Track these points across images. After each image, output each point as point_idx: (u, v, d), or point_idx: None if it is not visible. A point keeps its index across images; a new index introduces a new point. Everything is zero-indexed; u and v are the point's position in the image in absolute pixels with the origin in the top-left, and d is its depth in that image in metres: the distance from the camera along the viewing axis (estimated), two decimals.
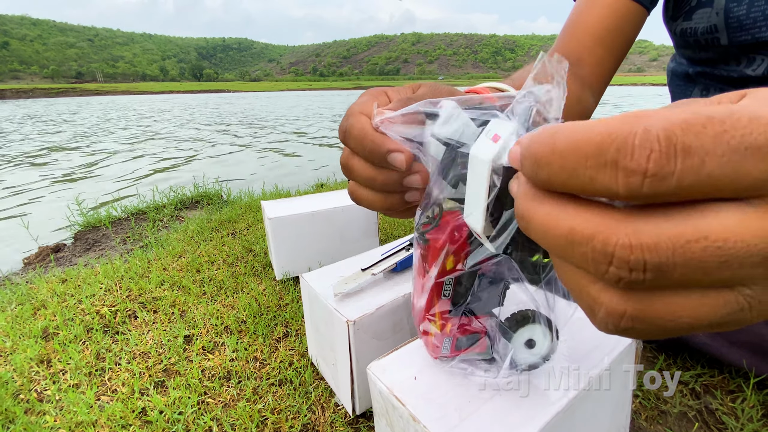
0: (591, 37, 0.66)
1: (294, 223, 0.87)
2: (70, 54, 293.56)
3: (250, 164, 3.92)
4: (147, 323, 0.78)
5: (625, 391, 0.42)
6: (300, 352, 0.67)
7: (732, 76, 0.68)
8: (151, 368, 0.65)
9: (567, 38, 0.69)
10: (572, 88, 0.64)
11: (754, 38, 0.62)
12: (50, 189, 3.10)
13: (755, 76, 0.65)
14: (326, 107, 14.00)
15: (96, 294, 0.89)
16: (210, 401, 0.58)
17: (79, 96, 64.83)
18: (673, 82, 0.84)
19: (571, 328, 0.43)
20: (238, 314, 0.78)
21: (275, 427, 0.53)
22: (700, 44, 0.69)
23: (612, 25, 0.66)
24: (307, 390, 0.59)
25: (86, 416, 0.56)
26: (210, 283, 0.92)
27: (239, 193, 1.83)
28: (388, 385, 0.36)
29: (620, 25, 0.66)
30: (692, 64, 0.77)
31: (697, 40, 0.68)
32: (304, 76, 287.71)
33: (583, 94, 0.65)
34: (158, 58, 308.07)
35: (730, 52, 0.66)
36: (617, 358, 0.38)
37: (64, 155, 4.70)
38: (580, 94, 0.65)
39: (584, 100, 0.66)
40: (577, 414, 0.35)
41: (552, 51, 0.72)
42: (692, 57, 0.76)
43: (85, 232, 1.51)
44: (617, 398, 0.41)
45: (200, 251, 1.09)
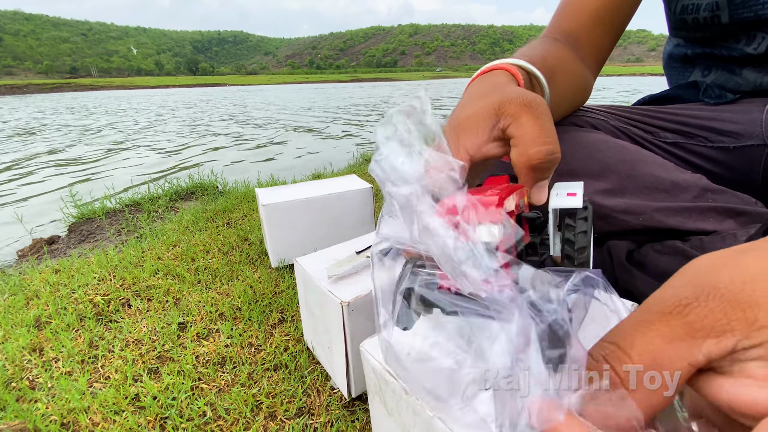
0: (589, 17, 0.65)
1: (288, 210, 0.86)
2: (63, 49, 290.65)
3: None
4: (141, 311, 0.77)
5: None
6: (296, 337, 0.67)
7: (733, 55, 0.67)
8: (145, 355, 0.65)
9: (564, 18, 0.68)
10: (579, 71, 0.63)
11: (757, 15, 0.61)
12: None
13: (757, 55, 0.64)
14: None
15: (89, 283, 0.88)
16: (204, 387, 0.58)
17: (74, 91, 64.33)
18: (669, 65, 0.83)
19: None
20: (233, 301, 0.78)
21: (270, 411, 0.53)
22: (699, 23, 0.68)
23: (610, 4, 0.65)
24: (303, 374, 0.59)
25: (78, 403, 0.56)
26: (205, 271, 0.91)
27: (235, 184, 1.81)
28: (381, 361, 0.36)
29: (618, 4, 0.66)
30: (690, 45, 0.75)
31: (696, 18, 0.67)
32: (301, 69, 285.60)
33: (585, 77, 0.65)
34: (153, 53, 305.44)
35: (729, 30, 0.65)
36: None
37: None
38: (584, 78, 0.64)
39: (587, 83, 0.66)
40: None
41: (548, 29, 0.71)
42: (689, 38, 0.75)
43: (80, 223, 1.50)
44: None
45: (195, 240, 1.08)
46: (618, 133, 0.71)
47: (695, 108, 0.70)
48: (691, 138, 0.68)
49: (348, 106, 10.62)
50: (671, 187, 0.59)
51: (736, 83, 0.69)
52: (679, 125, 0.69)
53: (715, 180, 0.62)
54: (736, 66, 0.69)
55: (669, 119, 0.70)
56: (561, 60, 0.58)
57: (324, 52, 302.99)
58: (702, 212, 0.56)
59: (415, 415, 0.32)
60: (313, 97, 15.98)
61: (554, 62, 0.55)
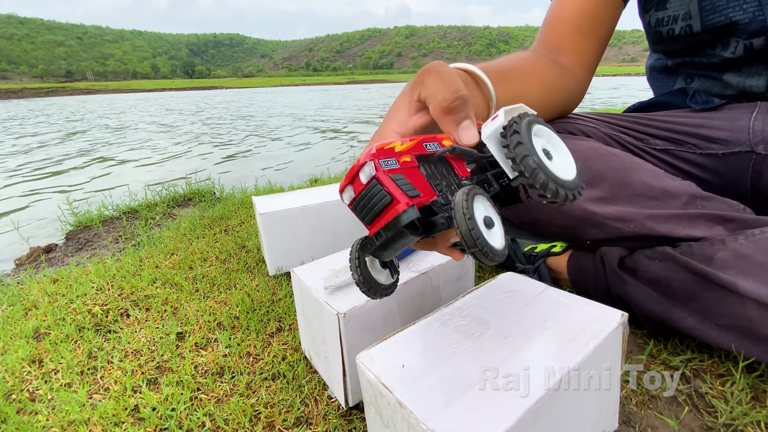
0: (569, 26, 0.67)
1: (285, 218, 0.87)
2: (58, 53, 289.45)
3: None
4: (139, 321, 0.78)
5: (613, 375, 0.42)
6: (293, 346, 0.67)
7: (713, 61, 0.69)
8: (144, 366, 0.65)
9: (547, 31, 0.70)
10: (551, 73, 0.64)
11: (727, 18, 0.62)
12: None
13: (735, 58, 0.66)
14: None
15: (88, 293, 0.89)
16: (203, 397, 0.58)
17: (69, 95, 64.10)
18: (653, 77, 0.85)
19: (555, 314, 0.43)
20: (231, 310, 0.78)
21: (268, 421, 0.53)
22: (674, 34, 0.69)
23: (588, 10, 0.67)
24: (300, 384, 0.59)
25: (78, 415, 0.56)
26: (202, 280, 0.91)
27: (232, 190, 1.82)
28: (376, 374, 0.36)
29: (596, 11, 0.67)
30: (670, 57, 0.77)
31: (671, 30, 0.69)
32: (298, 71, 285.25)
33: (562, 78, 0.66)
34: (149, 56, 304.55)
35: (703, 39, 0.67)
36: (602, 342, 0.38)
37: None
38: (558, 78, 0.65)
39: (564, 83, 0.67)
40: (563, 398, 0.35)
41: (532, 45, 0.73)
42: (667, 50, 0.76)
43: (77, 231, 1.50)
44: (604, 382, 0.41)
45: (193, 248, 1.09)
46: (609, 141, 0.72)
47: (684, 115, 0.72)
48: (680, 145, 0.69)
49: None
50: (662, 194, 0.60)
51: (721, 87, 0.71)
52: (669, 132, 0.70)
53: (705, 186, 0.63)
54: (716, 72, 0.70)
55: (659, 126, 0.71)
56: (523, 63, 0.61)
57: (320, 54, 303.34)
58: (692, 219, 0.58)
59: (410, 428, 0.33)
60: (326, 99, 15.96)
61: (510, 64, 0.58)
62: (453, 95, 0.34)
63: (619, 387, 0.44)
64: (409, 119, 0.37)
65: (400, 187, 0.29)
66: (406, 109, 0.38)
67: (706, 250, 0.53)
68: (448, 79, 0.35)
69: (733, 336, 0.51)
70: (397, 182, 0.29)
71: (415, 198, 0.29)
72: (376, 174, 0.29)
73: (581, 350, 0.37)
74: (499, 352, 0.38)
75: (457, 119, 0.35)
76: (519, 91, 0.56)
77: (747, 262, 0.49)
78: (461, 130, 0.34)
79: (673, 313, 0.55)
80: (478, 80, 0.49)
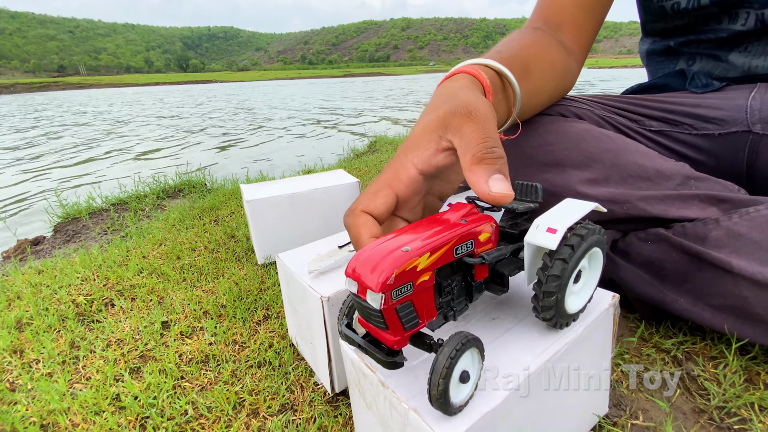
0: (570, 1, 0.65)
1: (273, 206, 0.85)
2: (50, 47, 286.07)
3: None
4: (124, 311, 0.76)
5: (603, 359, 0.41)
6: (280, 333, 0.66)
7: (721, 36, 0.66)
8: (127, 355, 0.64)
9: (546, 5, 0.67)
10: (559, 57, 0.62)
11: None
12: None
13: (747, 31, 0.63)
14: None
15: (72, 283, 0.87)
16: (186, 385, 0.57)
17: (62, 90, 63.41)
18: (651, 60, 0.82)
19: None
20: (218, 299, 0.77)
21: (252, 408, 0.52)
22: (680, 9, 0.67)
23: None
24: (287, 371, 0.58)
25: (58, 404, 0.55)
26: (190, 269, 0.90)
27: (223, 181, 1.79)
28: (359, 354, 0.35)
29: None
30: (670, 37, 0.75)
31: (677, 4, 0.67)
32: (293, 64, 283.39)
33: (567, 63, 0.64)
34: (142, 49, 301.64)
35: (710, 12, 0.65)
36: (593, 323, 0.37)
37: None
38: (566, 64, 0.63)
39: (569, 69, 0.65)
40: (551, 380, 0.34)
41: (530, 19, 0.70)
42: (668, 28, 0.74)
43: (65, 223, 1.48)
44: (595, 365, 0.40)
45: (181, 239, 1.07)
46: (603, 123, 0.70)
47: (681, 96, 0.70)
48: (676, 126, 0.67)
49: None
50: (655, 175, 0.58)
51: (723, 69, 0.69)
52: (665, 113, 0.68)
53: (700, 167, 0.62)
54: (722, 51, 0.68)
55: (654, 107, 0.70)
56: (537, 50, 0.58)
57: (316, 47, 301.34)
58: (685, 200, 0.56)
59: (391, 408, 0.32)
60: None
61: (528, 53, 0.55)
62: (487, 149, 0.31)
63: (609, 370, 0.43)
64: (434, 157, 0.34)
65: (401, 320, 0.27)
66: (432, 147, 0.34)
67: (700, 229, 0.52)
68: (487, 132, 0.32)
69: (726, 317, 0.50)
70: (400, 315, 0.27)
71: (410, 331, 0.28)
72: (382, 308, 0.26)
73: (571, 331, 0.36)
74: (486, 333, 0.37)
75: (488, 171, 0.31)
76: (535, 87, 0.54)
77: (741, 240, 0.48)
78: (494, 181, 0.30)
79: (665, 295, 0.54)
80: (505, 81, 0.47)
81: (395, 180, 0.35)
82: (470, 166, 0.31)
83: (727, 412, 0.46)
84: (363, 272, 0.27)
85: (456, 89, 0.38)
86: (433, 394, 0.26)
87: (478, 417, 0.28)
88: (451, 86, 0.40)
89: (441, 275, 0.30)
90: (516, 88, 0.46)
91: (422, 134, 0.35)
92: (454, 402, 0.27)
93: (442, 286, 0.31)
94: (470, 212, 0.33)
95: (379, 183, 0.35)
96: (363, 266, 0.27)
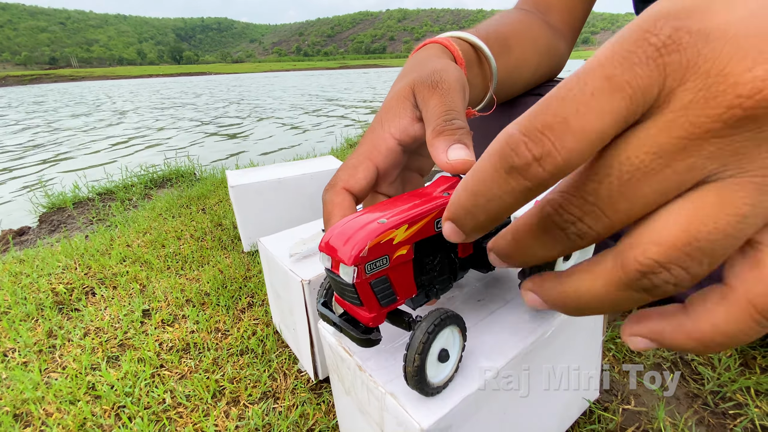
0: None
1: (259, 191, 0.83)
2: (42, 39, 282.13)
3: None
4: (105, 299, 0.74)
5: (593, 342, 0.39)
6: (265, 321, 0.64)
7: None
8: (105, 344, 0.62)
9: None
10: (544, 37, 0.60)
11: None
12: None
13: None
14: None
15: (53, 272, 0.84)
16: (166, 374, 0.55)
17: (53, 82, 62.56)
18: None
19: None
20: (202, 287, 0.75)
21: (233, 396, 0.50)
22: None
23: None
24: (270, 358, 0.56)
25: (32, 393, 0.53)
26: (175, 257, 0.87)
27: (213, 170, 1.76)
28: (337, 338, 0.33)
29: None
30: None
31: None
32: (288, 56, 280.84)
33: (553, 42, 0.62)
34: (135, 41, 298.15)
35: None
36: None
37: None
38: (551, 42, 0.62)
39: (555, 47, 0.63)
40: (537, 362, 0.32)
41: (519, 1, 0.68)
42: None
43: (50, 213, 1.45)
44: (585, 347, 0.38)
45: (167, 227, 1.05)
46: None
47: None
48: None
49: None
50: None
51: None
52: None
53: None
54: None
55: None
56: (519, 26, 0.56)
57: (311, 39, 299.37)
58: None
59: (369, 392, 0.30)
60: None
61: (509, 30, 0.53)
62: (446, 119, 0.30)
63: (600, 353, 0.42)
64: (410, 127, 0.33)
65: (376, 295, 0.25)
66: (408, 116, 0.33)
67: None
68: (449, 104, 0.31)
69: None
70: (375, 290, 0.25)
71: (386, 308, 0.26)
72: (354, 281, 0.24)
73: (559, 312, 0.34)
74: (471, 314, 0.35)
75: (448, 141, 0.29)
76: (516, 63, 0.52)
77: None
78: (451, 150, 0.28)
79: None
80: (481, 56, 0.45)
81: (374, 151, 0.33)
82: (431, 140, 0.30)
83: (722, 397, 0.45)
84: (336, 245, 0.25)
85: (425, 58, 0.37)
86: (409, 370, 0.24)
87: (458, 400, 0.27)
88: (420, 55, 0.38)
89: (422, 251, 0.28)
90: (492, 61, 0.44)
91: (395, 103, 0.33)
92: (431, 381, 0.26)
93: (423, 263, 0.29)
94: (453, 185, 0.31)
95: (358, 156, 0.33)
96: (337, 239, 0.25)
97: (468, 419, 0.28)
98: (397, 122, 0.33)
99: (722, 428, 0.42)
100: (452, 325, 0.26)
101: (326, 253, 0.26)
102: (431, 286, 0.30)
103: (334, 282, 0.27)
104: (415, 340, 0.24)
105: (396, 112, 0.33)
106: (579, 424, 0.42)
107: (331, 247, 0.25)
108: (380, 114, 0.34)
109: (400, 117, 0.33)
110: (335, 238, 0.25)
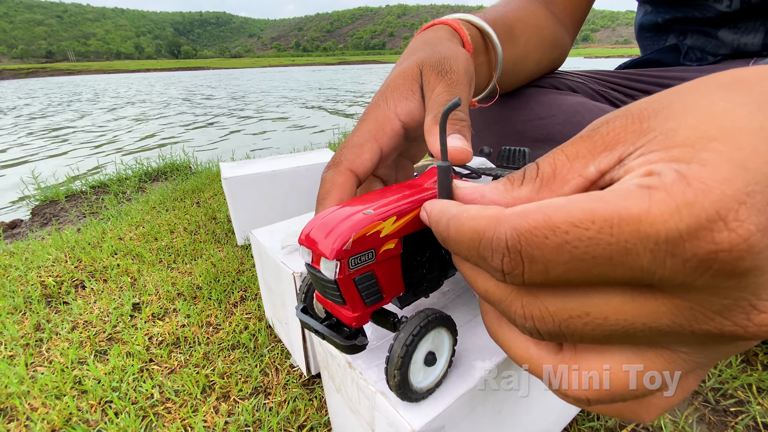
0: None
1: (253, 184, 0.81)
2: (38, 32, 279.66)
3: None
4: (95, 292, 0.72)
5: None
6: (257, 315, 0.63)
7: (708, 16, 0.64)
8: (93, 338, 0.60)
9: None
10: (547, 24, 0.59)
11: None
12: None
13: (731, 12, 0.61)
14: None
15: (42, 265, 0.83)
16: (155, 368, 0.54)
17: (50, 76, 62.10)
18: (642, 36, 0.79)
19: None
20: (194, 280, 0.73)
21: (223, 391, 0.49)
22: None
23: None
24: (262, 353, 0.55)
25: (17, 387, 0.52)
26: (167, 251, 0.86)
27: (209, 163, 1.75)
28: None
29: None
30: (661, 12, 0.72)
31: None
32: (287, 51, 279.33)
33: (557, 33, 0.61)
34: (132, 35, 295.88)
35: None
36: None
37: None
38: (555, 33, 0.60)
39: (559, 39, 0.62)
40: None
41: None
42: (659, 0, 0.71)
43: (43, 206, 1.43)
44: None
45: (161, 220, 1.03)
46: (597, 97, 0.67)
47: (676, 70, 0.67)
48: None
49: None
50: None
51: (715, 46, 0.66)
52: (660, 87, 0.65)
53: None
54: (711, 28, 0.66)
55: (650, 82, 0.67)
56: (524, 14, 0.54)
57: (310, 34, 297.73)
58: None
59: (359, 391, 0.29)
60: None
61: (515, 17, 0.51)
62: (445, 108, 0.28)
63: None
64: (417, 111, 0.31)
65: (360, 293, 0.23)
66: (416, 100, 0.31)
67: None
68: (453, 95, 0.30)
69: None
70: (359, 287, 0.23)
71: (372, 307, 0.24)
72: (336, 278, 0.22)
73: None
74: (464, 312, 0.34)
75: (447, 130, 0.28)
76: (521, 53, 0.51)
77: None
78: (453, 139, 0.27)
79: None
80: (488, 42, 0.43)
81: (380, 132, 0.31)
82: (429, 127, 0.29)
83: (723, 394, 0.44)
84: (317, 237, 0.23)
85: (435, 39, 0.35)
86: (391, 384, 0.23)
87: (451, 400, 0.25)
88: (429, 35, 0.36)
89: (410, 245, 0.27)
90: (498, 49, 0.43)
91: (402, 81, 0.32)
92: (417, 388, 0.24)
93: (412, 258, 0.27)
94: None
95: (363, 134, 0.31)
96: (318, 231, 0.23)
97: (462, 419, 0.26)
98: (404, 103, 0.31)
99: (723, 426, 0.41)
100: (439, 327, 0.25)
101: (306, 246, 0.23)
102: (420, 284, 0.28)
103: (314, 278, 0.25)
104: (398, 343, 0.23)
105: (402, 92, 0.32)
106: (578, 422, 0.41)
107: (311, 239, 0.23)
108: (385, 90, 0.32)
109: (407, 98, 0.31)
110: (316, 230, 0.23)
